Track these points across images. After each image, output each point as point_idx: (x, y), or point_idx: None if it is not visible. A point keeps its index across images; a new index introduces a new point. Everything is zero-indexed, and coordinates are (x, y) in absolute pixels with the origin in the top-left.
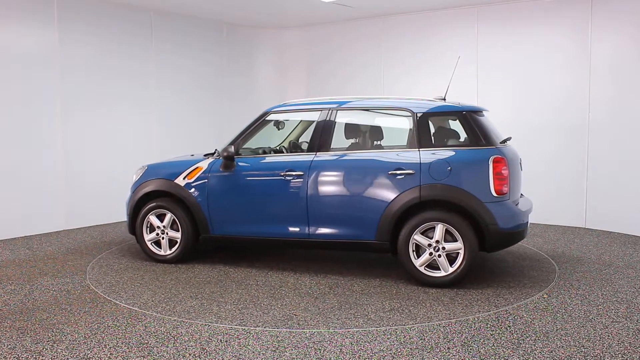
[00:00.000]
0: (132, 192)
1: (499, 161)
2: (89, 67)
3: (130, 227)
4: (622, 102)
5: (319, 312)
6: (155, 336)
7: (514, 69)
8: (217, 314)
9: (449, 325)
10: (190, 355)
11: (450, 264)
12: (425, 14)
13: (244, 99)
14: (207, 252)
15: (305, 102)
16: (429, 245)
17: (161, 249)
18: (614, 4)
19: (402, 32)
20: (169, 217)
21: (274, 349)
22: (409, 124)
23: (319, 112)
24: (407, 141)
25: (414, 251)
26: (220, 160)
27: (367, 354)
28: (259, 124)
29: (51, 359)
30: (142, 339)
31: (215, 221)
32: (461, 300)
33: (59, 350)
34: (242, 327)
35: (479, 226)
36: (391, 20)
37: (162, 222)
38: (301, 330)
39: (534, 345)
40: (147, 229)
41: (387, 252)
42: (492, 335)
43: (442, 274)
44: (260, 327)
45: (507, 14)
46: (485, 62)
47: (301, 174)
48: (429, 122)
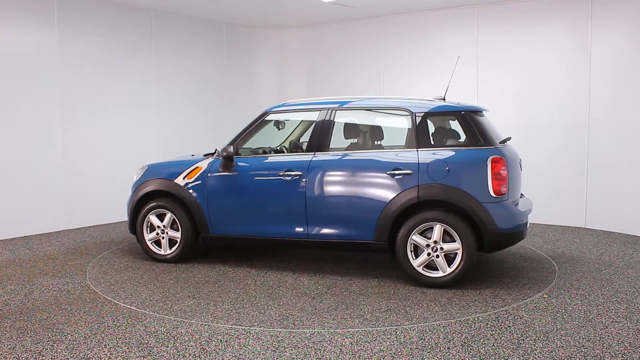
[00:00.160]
0: (133, 191)
1: (497, 161)
2: (89, 67)
3: (131, 227)
4: (622, 102)
5: (315, 312)
6: (155, 336)
7: (514, 69)
8: (213, 313)
9: (449, 325)
10: (190, 355)
11: (448, 265)
12: (425, 14)
13: (244, 99)
14: (207, 251)
15: (304, 102)
16: (427, 245)
17: (161, 248)
18: (614, 4)
19: (402, 32)
20: (169, 216)
21: (274, 349)
22: (408, 124)
23: (319, 112)
24: (406, 141)
25: (412, 251)
26: (219, 160)
27: (367, 354)
28: (259, 124)
29: (51, 359)
30: (142, 338)
31: (214, 221)
32: (459, 300)
33: (59, 350)
34: (240, 327)
35: (477, 227)
36: (391, 20)
37: (162, 222)
38: (301, 330)
39: (534, 345)
40: (148, 229)
41: (386, 252)
42: (492, 335)
43: (440, 274)
44: (256, 326)
45: (507, 14)
46: (485, 62)
47: (300, 174)
48: (428, 122)
